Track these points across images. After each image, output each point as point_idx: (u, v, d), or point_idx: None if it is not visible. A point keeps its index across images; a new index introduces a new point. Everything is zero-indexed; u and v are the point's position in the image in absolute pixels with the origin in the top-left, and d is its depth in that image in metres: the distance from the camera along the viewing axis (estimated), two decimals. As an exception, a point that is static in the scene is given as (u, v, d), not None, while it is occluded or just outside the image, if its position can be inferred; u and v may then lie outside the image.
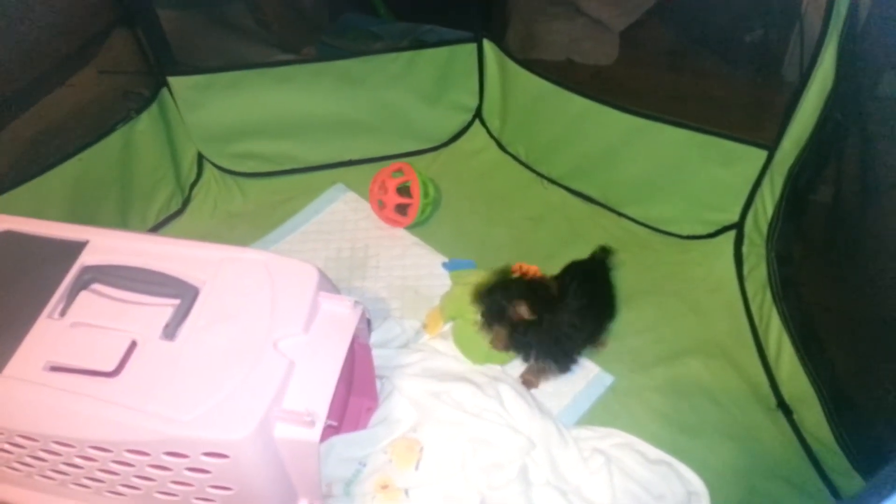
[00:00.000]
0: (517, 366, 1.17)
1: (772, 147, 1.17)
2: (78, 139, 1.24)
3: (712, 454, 1.06)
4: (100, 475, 0.83)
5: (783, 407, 1.11)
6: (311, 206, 1.48)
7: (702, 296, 1.28)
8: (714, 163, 1.25)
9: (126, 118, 1.30)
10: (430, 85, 1.51)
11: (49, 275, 0.89)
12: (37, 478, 0.88)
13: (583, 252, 1.35)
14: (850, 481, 1.00)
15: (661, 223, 1.39)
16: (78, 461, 0.81)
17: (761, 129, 1.17)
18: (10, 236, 0.95)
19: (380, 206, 1.42)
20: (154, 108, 1.35)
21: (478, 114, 1.59)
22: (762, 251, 1.23)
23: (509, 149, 1.56)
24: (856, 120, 0.99)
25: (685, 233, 1.37)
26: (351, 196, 1.50)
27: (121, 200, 1.35)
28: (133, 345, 0.82)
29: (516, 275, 1.07)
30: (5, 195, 1.14)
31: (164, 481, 0.81)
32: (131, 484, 0.83)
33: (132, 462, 0.79)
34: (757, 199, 1.24)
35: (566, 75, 1.36)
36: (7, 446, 0.83)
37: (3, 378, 0.79)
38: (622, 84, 1.37)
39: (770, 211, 1.20)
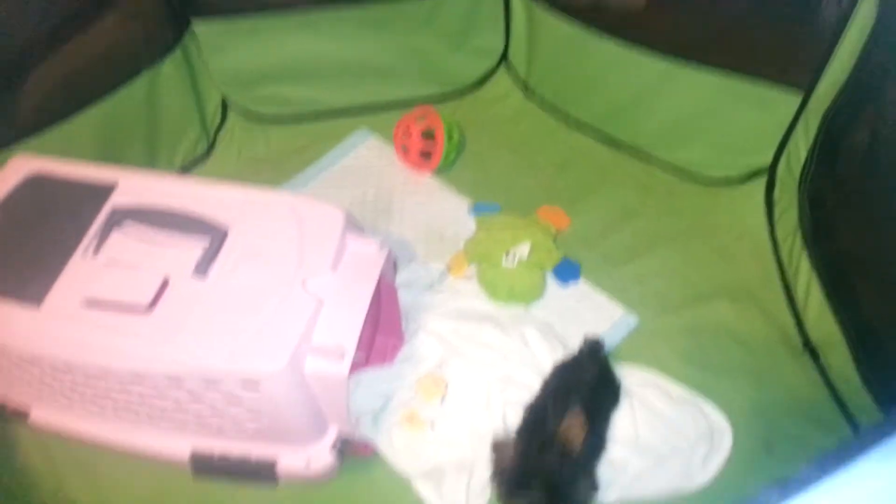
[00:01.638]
0: (541, 305, 1.18)
1: (807, 89, 1.14)
2: (104, 84, 1.24)
3: (736, 393, 1.06)
4: (137, 406, 0.86)
5: (810, 349, 1.11)
6: (334, 151, 1.48)
7: (730, 241, 1.27)
8: (747, 107, 1.22)
9: (151, 62, 1.29)
10: (455, 29, 1.48)
11: (80, 215, 0.91)
12: (78, 407, 0.91)
13: (608, 197, 1.35)
14: (874, 419, 1.00)
15: (690, 169, 1.36)
16: (116, 392, 0.84)
17: (797, 72, 1.14)
18: (41, 178, 0.97)
19: (404, 151, 1.41)
20: (178, 52, 1.34)
21: (503, 58, 1.56)
22: (794, 196, 1.21)
23: (535, 94, 1.54)
24: (897, 59, 0.95)
25: (715, 178, 1.34)
26: (374, 141, 1.50)
27: (147, 145, 1.36)
28: (165, 282, 0.84)
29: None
30: (34, 139, 1.15)
31: (200, 411, 0.84)
32: (168, 413, 0.86)
33: (168, 393, 0.82)
34: (790, 142, 1.21)
35: (595, 18, 1.33)
36: (49, 376, 0.86)
37: (41, 312, 0.81)
38: (652, 27, 1.32)
39: (803, 155, 1.18)
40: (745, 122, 1.25)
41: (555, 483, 0.87)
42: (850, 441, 0.35)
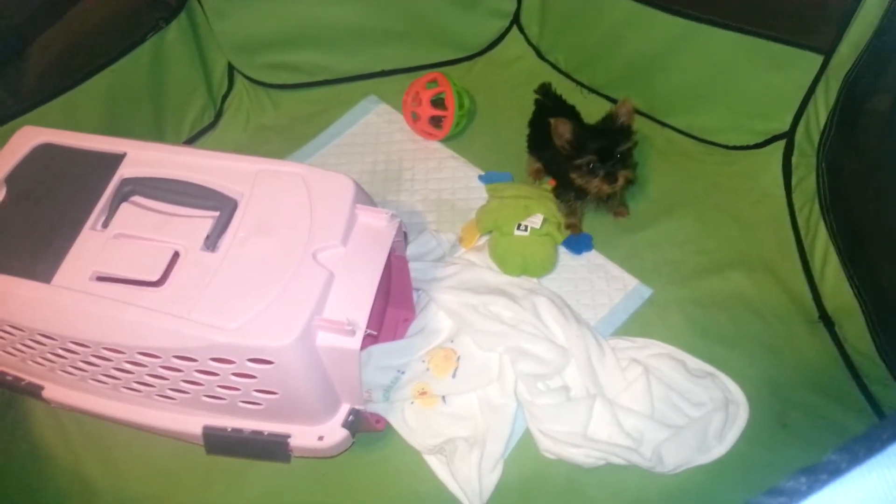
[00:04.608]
0: (553, 276, 1.17)
1: (828, 51, 1.10)
2: (108, 51, 1.23)
3: (750, 365, 1.05)
4: (149, 380, 0.86)
5: (825, 319, 1.10)
6: (343, 118, 1.46)
7: (746, 208, 1.25)
8: (765, 68, 1.18)
9: (155, 28, 1.27)
10: (465, -11, 1.44)
11: (89, 187, 0.90)
12: (90, 382, 0.92)
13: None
14: (889, 391, 0.99)
15: (706, 133, 1.33)
16: (128, 367, 0.85)
17: (817, 32, 1.10)
18: (48, 149, 0.95)
19: (414, 119, 1.39)
20: (183, 16, 1.31)
21: (515, 19, 1.52)
22: (812, 161, 1.18)
23: (548, 57, 1.50)
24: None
25: (732, 143, 1.31)
26: (384, 108, 1.47)
27: (154, 114, 1.34)
28: (176, 255, 0.83)
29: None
30: (39, 109, 1.14)
31: (212, 386, 0.84)
32: (180, 388, 0.87)
33: (180, 368, 0.82)
34: (810, 106, 1.18)
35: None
36: (61, 351, 0.86)
37: (52, 287, 0.81)
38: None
39: (823, 119, 1.15)
40: (764, 84, 1.21)
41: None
42: (881, 426, 0.33)
